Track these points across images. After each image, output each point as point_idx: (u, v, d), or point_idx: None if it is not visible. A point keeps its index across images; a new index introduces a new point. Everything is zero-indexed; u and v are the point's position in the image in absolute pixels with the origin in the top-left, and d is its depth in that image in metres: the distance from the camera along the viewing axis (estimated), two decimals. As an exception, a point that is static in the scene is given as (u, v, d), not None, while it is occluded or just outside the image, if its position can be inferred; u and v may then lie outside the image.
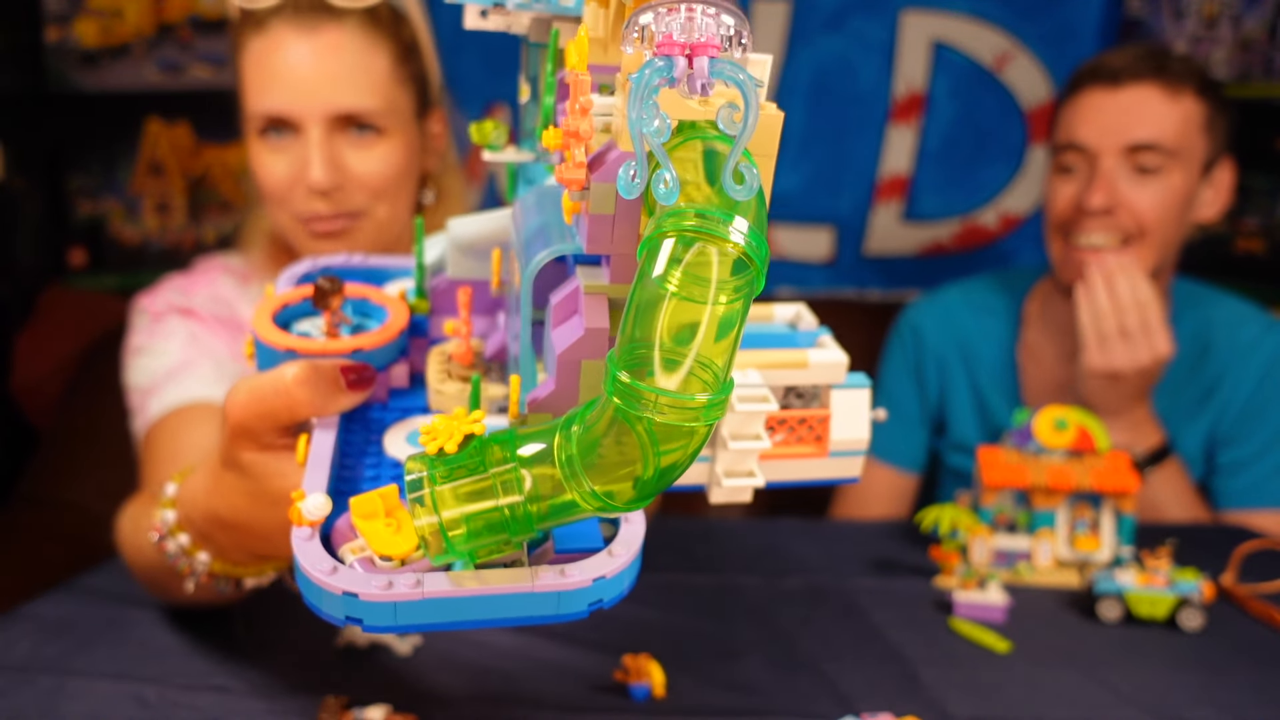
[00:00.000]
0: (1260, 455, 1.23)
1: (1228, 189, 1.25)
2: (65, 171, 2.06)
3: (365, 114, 0.93)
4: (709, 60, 0.33)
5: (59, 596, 0.85)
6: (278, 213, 0.98)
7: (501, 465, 0.35)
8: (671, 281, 0.32)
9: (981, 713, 0.69)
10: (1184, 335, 1.27)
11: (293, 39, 0.91)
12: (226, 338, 1.01)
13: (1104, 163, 1.18)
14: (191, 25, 2.04)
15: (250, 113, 0.95)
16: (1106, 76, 1.19)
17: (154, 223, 2.08)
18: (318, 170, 0.91)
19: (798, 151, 2.04)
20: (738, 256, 0.33)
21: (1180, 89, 1.17)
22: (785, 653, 0.77)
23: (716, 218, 0.32)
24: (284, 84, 0.91)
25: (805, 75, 2.04)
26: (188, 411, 0.94)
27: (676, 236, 0.32)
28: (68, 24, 2.02)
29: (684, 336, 0.32)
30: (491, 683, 0.70)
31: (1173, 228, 1.20)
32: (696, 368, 0.32)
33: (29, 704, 0.67)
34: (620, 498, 0.34)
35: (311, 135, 0.92)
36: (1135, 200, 1.18)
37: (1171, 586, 0.83)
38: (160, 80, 2.05)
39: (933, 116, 2.04)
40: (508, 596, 0.36)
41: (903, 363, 1.42)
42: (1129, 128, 1.17)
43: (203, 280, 1.08)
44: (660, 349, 0.32)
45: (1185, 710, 0.69)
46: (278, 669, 0.72)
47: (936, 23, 2.01)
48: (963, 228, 2.05)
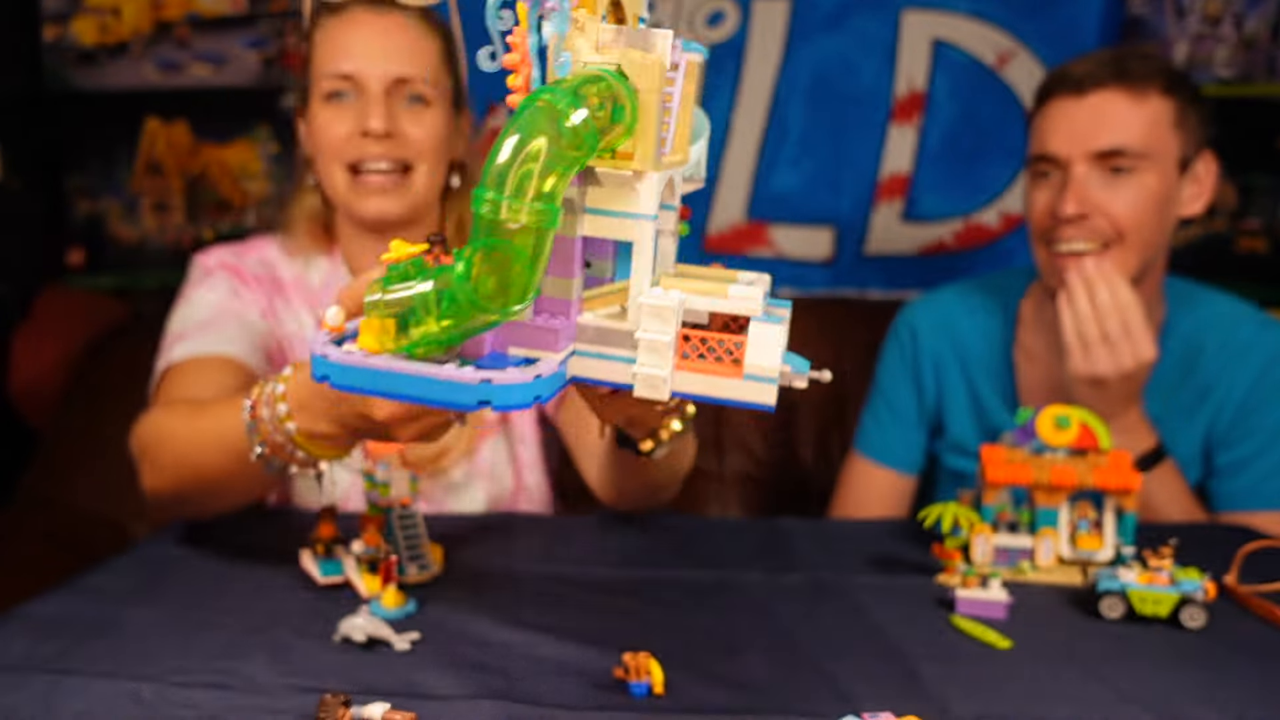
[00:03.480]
0: (1258, 456, 1.23)
1: (1210, 183, 1.23)
2: (63, 171, 2.06)
3: (416, 83, 1.12)
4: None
5: (55, 596, 0.85)
6: (333, 168, 1.13)
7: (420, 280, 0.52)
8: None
9: (983, 710, 0.68)
10: (1178, 336, 1.26)
11: (365, 18, 1.12)
12: (261, 295, 1.19)
13: (1075, 170, 1.18)
14: (190, 23, 2.04)
15: (320, 75, 1.12)
16: (1071, 85, 1.20)
17: (152, 222, 2.08)
18: (377, 119, 1.09)
19: (798, 151, 2.04)
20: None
21: (1145, 90, 1.17)
22: (786, 650, 0.77)
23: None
24: (354, 50, 1.11)
25: (805, 74, 2.03)
26: (205, 360, 1.09)
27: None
28: (65, 23, 2.02)
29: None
30: (491, 680, 0.70)
31: (1152, 229, 1.19)
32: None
33: (25, 703, 0.66)
34: (486, 292, 0.50)
35: (372, 91, 1.10)
36: (1109, 204, 1.18)
37: (1174, 585, 0.83)
38: (158, 79, 2.05)
39: (933, 116, 2.04)
40: (421, 377, 0.50)
41: (899, 363, 1.41)
42: (1096, 134, 1.17)
43: (255, 247, 1.25)
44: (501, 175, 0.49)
45: (1187, 709, 0.69)
46: (275, 666, 0.72)
47: (937, 21, 2.01)
48: (964, 227, 2.05)
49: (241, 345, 1.11)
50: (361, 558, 0.85)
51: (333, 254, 1.24)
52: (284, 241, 1.23)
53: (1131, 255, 1.19)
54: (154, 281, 2.09)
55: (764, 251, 2.07)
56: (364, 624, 0.75)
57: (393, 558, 0.87)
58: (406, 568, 0.89)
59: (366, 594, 0.84)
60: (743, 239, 2.07)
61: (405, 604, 0.82)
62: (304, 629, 0.78)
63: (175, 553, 0.96)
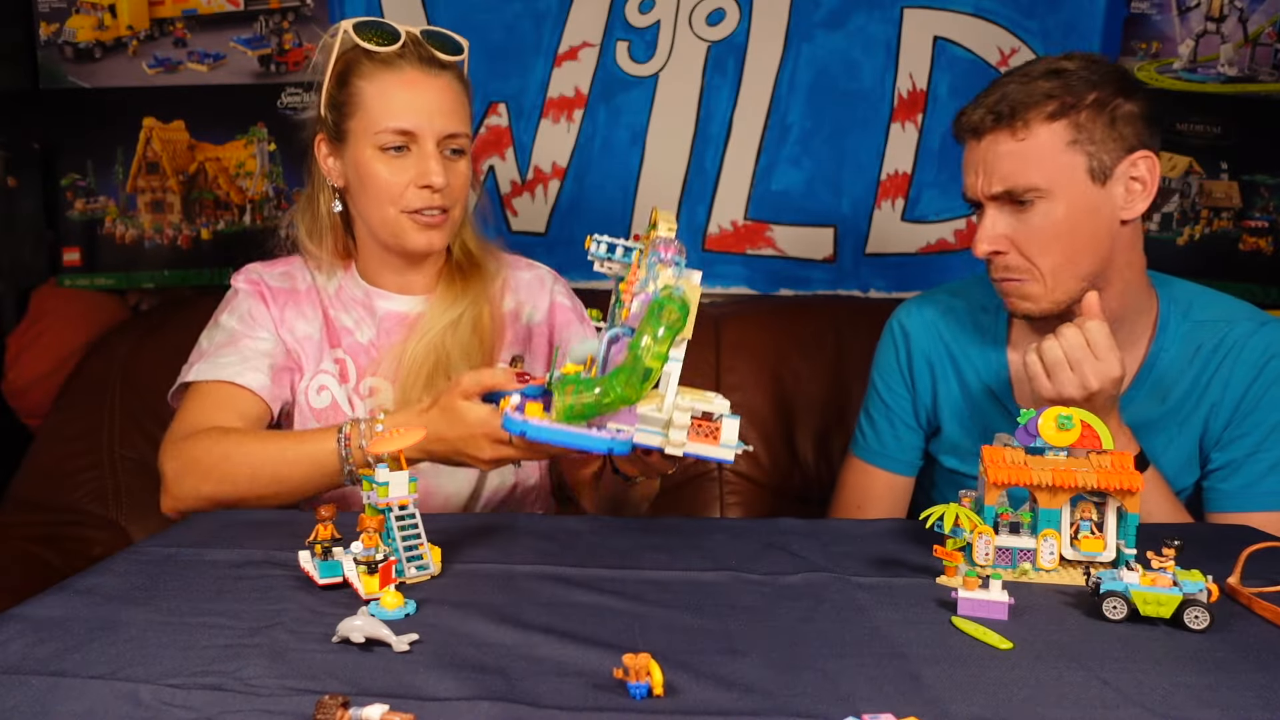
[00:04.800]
0: (1252, 456, 1.23)
1: (1151, 180, 1.19)
2: (59, 169, 2.05)
3: (459, 137, 1.29)
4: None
5: (52, 597, 0.85)
6: (386, 210, 1.28)
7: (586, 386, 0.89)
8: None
9: (984, 712, 0.68)
10: (1171, 337, 1.26)
11: (419, 78, 1.27)
12: (276, 308, 1.35)
13: (987, 211, 1.22)
14: (186, 22, 2.03)
15: (375, 126, 1.26)
16: (968, 132, 1.23)
17: (149, 221, 2.07)
18: (438, 174, 1.25)
19: (798, 150, 2.03)
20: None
21: (1027, 124, 1.17)
22: (786, 652, 0.77)
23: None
24: (414, 109, 1.26)
25: (806, 73, 2.03)
26: (224, 389, 1.28)
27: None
28: (61, 20, 2.01)
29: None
30: (490, 680, 0.70)
31: (1073, 250, 1.19)
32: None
33: (22, 705, 0.66)
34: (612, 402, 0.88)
35: (428, 148, 1.26)
36: (1017, 239, 1.20)
37: (1177, 586, 0.83)
38: (155, 78, 2.04)
39: (935, 114, 2.03)
40: (576, 434, 0.89)
41: (893, 366, 1.42)
42: (990, 180, 1.20)
43: (283, 262, 1.41)
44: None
45: (1190, 710, 0.69)
46: (273, 667, 0.71)
47: (938, 19, 2.01)
48: (965, 226, 2.04)
49: (253, 374, 1.28)
50: (360, 559, 0.85)
51: (349, 268, 1.38)
52: (308, 259, 1.38)
53: (1060, 280, 1.20)
54: (150, 281, 2.08)
55: (764, 251, 2.07)
56: (363, 625, 0.75)
57: (391, 559, 0.86)
58: (405, 569, 0.88)
59: (365, 595, 0.84)
60: (743, 239, 2.07)
61: (404, 605, 0.82)
62: (302, 630, 0.78)
63: (173, 554, 0.96)
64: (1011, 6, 2.00)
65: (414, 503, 0.90)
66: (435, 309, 1.34)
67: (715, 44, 2.03)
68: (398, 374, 1.32)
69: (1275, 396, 1.22)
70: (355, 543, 0.86)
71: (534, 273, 1.45)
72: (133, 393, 1.87)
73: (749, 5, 2.01)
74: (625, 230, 2.09)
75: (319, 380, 1.33)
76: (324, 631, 0.77)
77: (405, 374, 1.30)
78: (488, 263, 1.40)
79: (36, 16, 2.00)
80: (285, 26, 2.03)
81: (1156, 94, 1.91)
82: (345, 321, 1.36)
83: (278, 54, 2.04)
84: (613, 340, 0.94)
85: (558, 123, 2.06)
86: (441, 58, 1.28)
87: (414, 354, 1.31)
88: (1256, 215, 1.98)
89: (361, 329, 1.35)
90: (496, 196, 2.09)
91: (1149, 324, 1.28)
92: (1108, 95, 1.17)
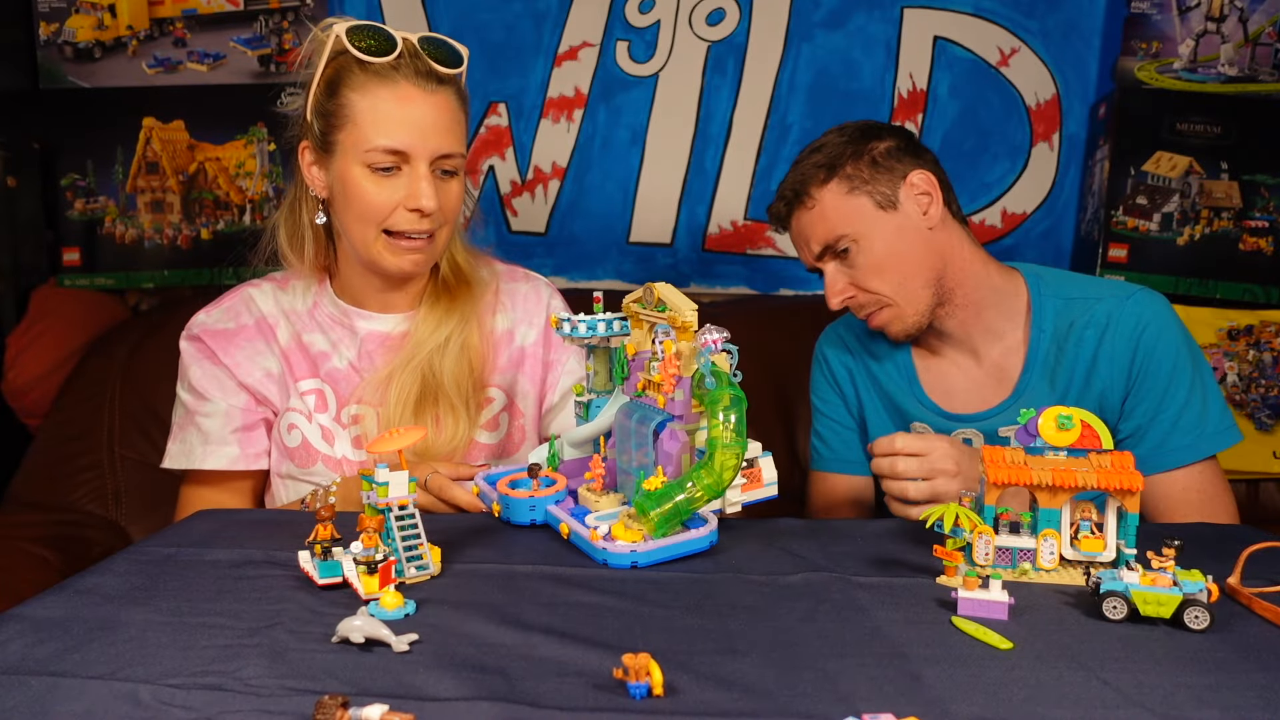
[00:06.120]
0: (1155, 420, 1.30)
1: (929, 187, 1.34)
2: (59, 169, 2.05)
3: (453, 157, 1.21)
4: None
5: (51, 597, 0.85)
6: (367, 230, 1.20)
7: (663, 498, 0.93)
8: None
9: (984, 712, 0.68)
10: (1047, 316, 1.35)
11: (414, 94, 1.18)
12: (227, 357, 1.28)
13: (825, 273, 1.38)
14: (186, 21, 2.03)
15: (368, 146, 1.17)
16: (778, 222, 1.43)
17: (148, 221, 2.07)
18: (429, 198, 1.17)
19: (798, 149, 2.03)
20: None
21: (811, 195, 1.35)
22: (786, 652, 0.77)
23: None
24: (407, 125, 1.17)
25: (806, 73, 2.03)
26: (193, 475, 1.29)
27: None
28: (60, 20, 2.01)
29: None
30: (490, 680, 0.70)
31: (902, 271, 1.34)
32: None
33: (22, 705, 0.66)
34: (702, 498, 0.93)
35: (420, 169, 1.18)
36: (859, 280, 1.35)
37: (1177, 586, 0.82)
38: (155, 77, 2.04)
39: (935, 114, 2.03)
40: (678, 543, 0.95)
41: (822, 382, 1.54)
42: (810, 246, 1.38)
43: (228, 296, 1.33)
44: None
45: (1190, 710, 0.69)
46: (273, 668, 0.71)
47: (938, 19, 2.01)
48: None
49: (218, 452, 1.26)
50: (360, 559, 0.85)
51: (323, 283, 1.32)
52: (285, 274, 1.32)
53: (908, 296, 1.35)
54: (150, 281, 2.08)
55: (764, 251, 2.07)
56: (362, 625, 0.75)
57: (391, 559, 0.86)
58: (405, 569, 0.88)
59: (365, 595, 0.84)
60: (743, 238, 2.07)
61: (404, 605, 0.82)
62: (302, 630, 0.78)
63: (173, 554, 0.96)
64: (1011, 6, 2.00)
65: (413, 503, 0.90)
66: (421, 329, 1.27)
67: (715, 44, 2.03)
68: (383, 400, 1.25)
69: (1158, 361, 1.29)
70: (355, 543, 0.86)
71: (530, 285, 1.39)
72: (133, 393, 1.87)
73: (749, 5, 2.01)
74: (625, 232, 2.09)
75: (287, 419, 1.27)
76: (324, 631, 0.77)
77: (392, 401, 1.24)
78: (478, 276, 1.34)
79: (36, 16, 2.00)
80: (285, 26, 2.03)
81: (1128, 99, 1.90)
82: (321, 345, 1.29)
83: (277, 54, 2.04)
84: (629, 414, 1.01)
85: (558, 123, 2.06)
86: (440, 71, 1.19)
87: (400, 380, 1.24)
88: (1257, 215, 1.98)
89: (340, 352, 1.29)
90: (496, 196, 2.09)
91: (1022, 305, 1.38)
92: (860, 146, 1.35)
